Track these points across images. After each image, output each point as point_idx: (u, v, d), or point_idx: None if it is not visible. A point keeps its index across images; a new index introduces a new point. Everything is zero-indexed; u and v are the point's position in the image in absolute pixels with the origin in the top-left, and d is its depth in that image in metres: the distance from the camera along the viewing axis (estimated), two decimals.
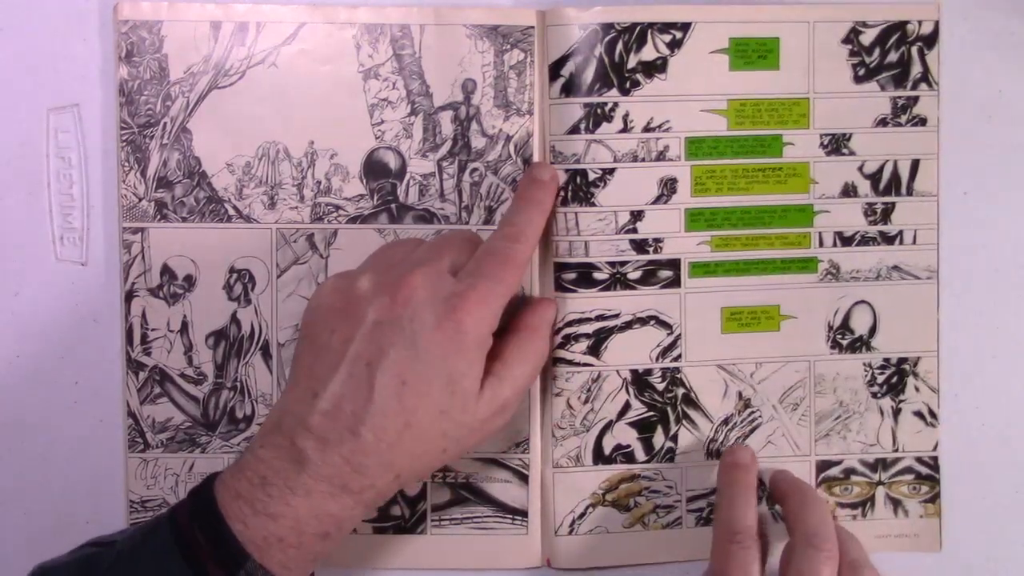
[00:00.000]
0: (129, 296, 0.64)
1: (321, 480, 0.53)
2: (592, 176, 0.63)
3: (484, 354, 0.56)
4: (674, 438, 0.65)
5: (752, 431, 0.65)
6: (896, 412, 0.66)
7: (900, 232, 0.65)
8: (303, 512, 0.53)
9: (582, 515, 0.65)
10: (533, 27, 0.63)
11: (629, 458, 0.65)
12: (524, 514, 0.65)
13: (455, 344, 0.54)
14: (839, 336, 0.65)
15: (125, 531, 0.56)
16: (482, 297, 0.55)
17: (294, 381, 0.56)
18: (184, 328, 0.64)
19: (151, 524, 0.54)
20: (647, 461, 0.65)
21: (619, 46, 0.62)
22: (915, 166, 0.65)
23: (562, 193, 0.63)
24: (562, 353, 0.64)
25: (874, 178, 0.65)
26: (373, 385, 0.53)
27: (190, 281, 0.64)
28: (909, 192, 0.65)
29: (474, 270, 0.57)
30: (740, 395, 0.65)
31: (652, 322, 0.64)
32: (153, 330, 0.64)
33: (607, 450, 0.64)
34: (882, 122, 0.64)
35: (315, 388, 0.54)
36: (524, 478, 0.65)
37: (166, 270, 0.64)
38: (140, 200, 0.63)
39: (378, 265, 0.58)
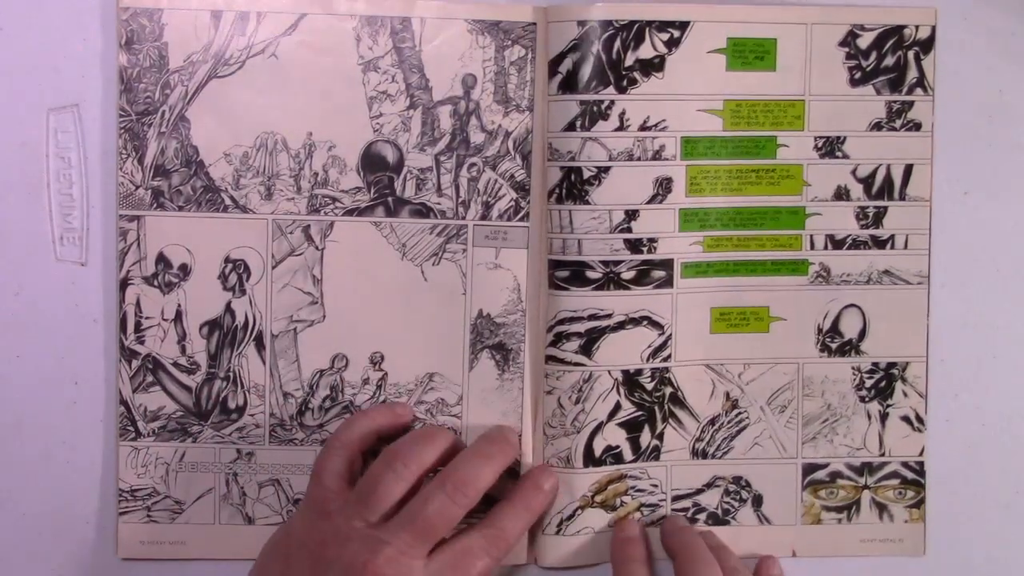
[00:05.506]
0: (124, 284, 0.63)
1: None
2: (587, 174, 0.63)
3: None
4: (660, 436, 0.65)
5: (739, 432, 0.65)
6: (883, 417, 0.66)
7: (892, 236, 0.65)
8: None
9: (570, 516, 0.64)
10: (535, 24, 0.63)
11: (618, 458, 0.64)
12: None
13: None
14: (828, 339, 0.65)
15: None
16: None
17: None
18: (178, 317, 0.64)
19: None
20: (634, 460, 0.65)
21: (617, 43, 0.62)
22: (908, 171, 0.65)
23: (556, 191, 0.63)
24: (553, 351, 0.64)
25: (867, 182, 0.65)
26: None
27: (185, 270, 0.63)
28: (902, 197, 0.65)
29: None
30: (728, 395, 0.65)
31: (644, 322, 0.64)
32: (147, 318, 0.64)
33: (597, 452, 0.64)
34: (876, 126, 0.64)
35: None
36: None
37: (161, 258, 0.63)
38: (137, 188, 0.63)
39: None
